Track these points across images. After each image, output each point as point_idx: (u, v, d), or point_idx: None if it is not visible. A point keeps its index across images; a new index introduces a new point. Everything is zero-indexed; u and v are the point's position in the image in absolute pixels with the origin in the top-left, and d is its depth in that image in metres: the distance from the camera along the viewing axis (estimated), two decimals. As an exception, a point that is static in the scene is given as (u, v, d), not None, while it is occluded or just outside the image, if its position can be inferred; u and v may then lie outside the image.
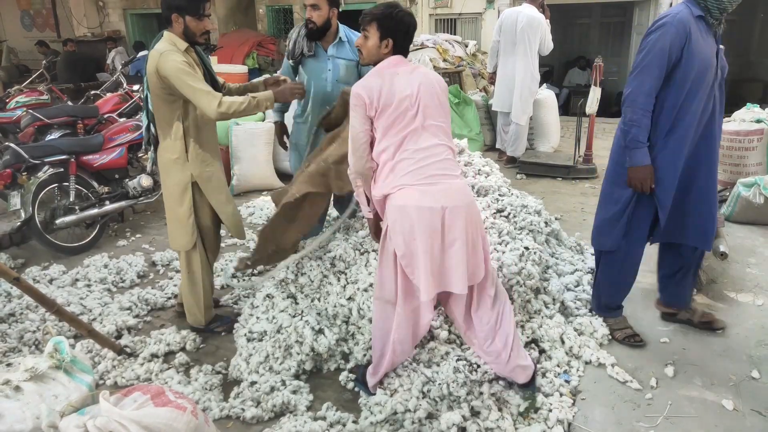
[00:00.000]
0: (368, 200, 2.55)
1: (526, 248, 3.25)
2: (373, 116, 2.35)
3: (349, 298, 3.10)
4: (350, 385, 2.80)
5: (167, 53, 2.84)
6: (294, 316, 3.08)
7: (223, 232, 3.37)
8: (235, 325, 3.34)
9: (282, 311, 3.17)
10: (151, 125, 3.10)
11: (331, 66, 3.50)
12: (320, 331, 2.97)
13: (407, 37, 2.43)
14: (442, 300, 2.68)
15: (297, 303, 3.21)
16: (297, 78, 3.62)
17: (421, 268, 2.31)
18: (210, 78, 3.11)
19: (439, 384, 2.61)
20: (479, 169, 4.21)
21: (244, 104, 2.88)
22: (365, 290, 3.07)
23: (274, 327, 3.04)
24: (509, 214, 3.60)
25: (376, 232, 2.61)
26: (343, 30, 3.51)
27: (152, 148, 3.18)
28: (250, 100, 2.90)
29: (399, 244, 2.33)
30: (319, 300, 3.18)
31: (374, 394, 2.64)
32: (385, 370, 2.66)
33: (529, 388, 2.60)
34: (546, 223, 3.81)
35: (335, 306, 3.07)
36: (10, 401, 2.12)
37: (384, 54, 2.41)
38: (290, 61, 3.58)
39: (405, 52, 2.46)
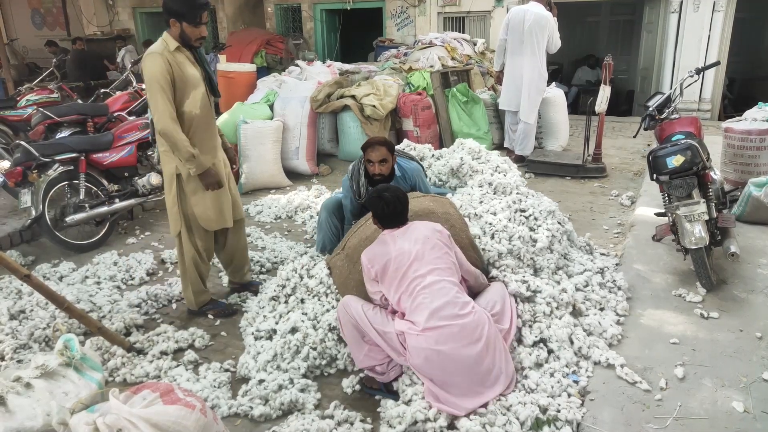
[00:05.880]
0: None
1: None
2: (376, 278, 2.68)
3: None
4: (357, 387, 2.79)
5: (151, 56, 3.00)
6: (304, 321, 3.07)
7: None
8: (242, 323, 3.36)
9: (290, 311, 3.18)
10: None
11: None
12: (333, 329, 2.98)
13: (386, 217, 2.75)
14: None
15: (303, 302, 3.22)
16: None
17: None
18: (208, 78, 3.23)
19: None
20: (497, 166, 4.17)
21: (180, 145, 3.01)
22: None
23: (285, 327, 3.03)
24: (530, 215, 3.58)
25: None
26: (397, 167, 3.53)
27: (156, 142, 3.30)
28: (189, 149, 3.03)
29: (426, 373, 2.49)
30: (326, 295, 3.18)
31: (394, 391, 2.66)
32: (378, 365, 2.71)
33: None
34: (560, 223, 3.77)
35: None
36: (21, 398, 2.14)
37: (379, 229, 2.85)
38: (358, 199, 3.61)
39: (395, 225, 2.76)
